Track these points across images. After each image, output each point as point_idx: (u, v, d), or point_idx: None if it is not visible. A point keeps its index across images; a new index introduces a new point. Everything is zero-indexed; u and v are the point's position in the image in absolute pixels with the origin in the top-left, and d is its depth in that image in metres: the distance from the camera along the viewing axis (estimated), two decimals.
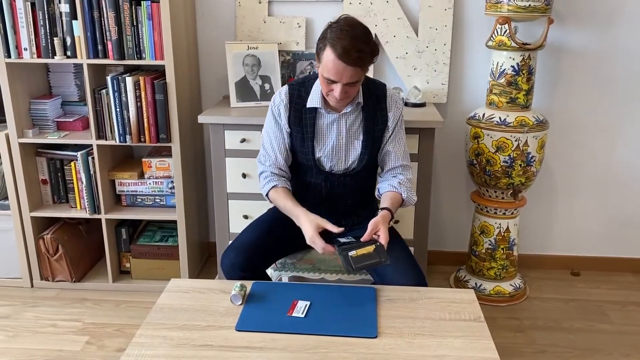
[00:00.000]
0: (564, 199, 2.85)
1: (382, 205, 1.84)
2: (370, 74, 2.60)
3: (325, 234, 1.77)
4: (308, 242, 1.72)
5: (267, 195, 1.90)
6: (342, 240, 1.73)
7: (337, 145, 1.89)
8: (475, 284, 2.66)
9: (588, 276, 2.88)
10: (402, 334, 1.48)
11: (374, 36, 1.73)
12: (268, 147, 1.92)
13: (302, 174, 1.96)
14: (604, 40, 2.59)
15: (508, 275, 2.64)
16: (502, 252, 2.59)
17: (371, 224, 1.72)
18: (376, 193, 1.98)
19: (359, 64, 1.66)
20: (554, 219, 2.89)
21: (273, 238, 1.93)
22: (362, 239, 1.70)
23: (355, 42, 1.63)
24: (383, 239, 1.69)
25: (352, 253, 1.64)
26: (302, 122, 1.88)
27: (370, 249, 1.66)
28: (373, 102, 1.88)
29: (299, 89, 1.89)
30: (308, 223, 1.73)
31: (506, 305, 2.61)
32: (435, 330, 1.50)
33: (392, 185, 1.89)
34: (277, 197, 1.86)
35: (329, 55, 1.66)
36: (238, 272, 1.80)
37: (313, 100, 1.86)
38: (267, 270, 2.00)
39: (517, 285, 2.66)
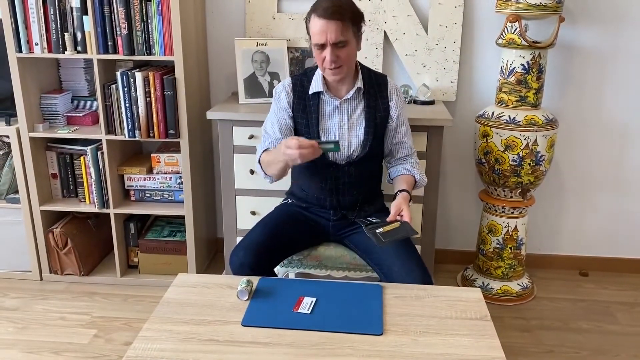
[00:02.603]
0: (573, 199, 2.83)
1: (399, 187, 1.90)
2: (379, 69, 2.61)
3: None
4: (287, 151, 1.67)
5: (259, 162, 1.92)
6: (368, 221, 1.85)
7: (340, 131, 1.93)
8: (483, 283, 2.65)
9: (596, 276, 2.86)
10: (408, 331, 1.48)
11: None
12: (269, 129, 1.96)
13: (308, 168, 1.97)
14: (616, 40, 2.57)
15: (515, 274, 2.63)
16: (509, 251, 2.58)
17: (394, 206, 1.80)
18: (387, 178, 2.06)
19: (338, 17, 1.74)
20: (562, 219, 2.87)
21: (282, 237, 1.93)
22: (387, 219, 1.78)
23: (334, 1, 1.75)
24: (407, 217, 1.76)
25: (379, 230, 1.75)
26: (307, 110, 1.92)
27: (395, 225, 1.77)
28: (374, 89, 1.95)
29: (301, 79, 1.96)
30: (283, 141, 1.71)
31: (513, 305, 2.60)
32: (441, 328, 1.50)
33: (405, 169, 1.98)
34: (265, 154, 1.89)
35: (313, 20, 1.76)
36: (247, 271, 1.81)
37: (315, 85, 1.92)
38: None
39: (525, 285, 2.65)
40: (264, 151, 1.93)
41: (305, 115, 1.92)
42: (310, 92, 1.92)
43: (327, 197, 1.99)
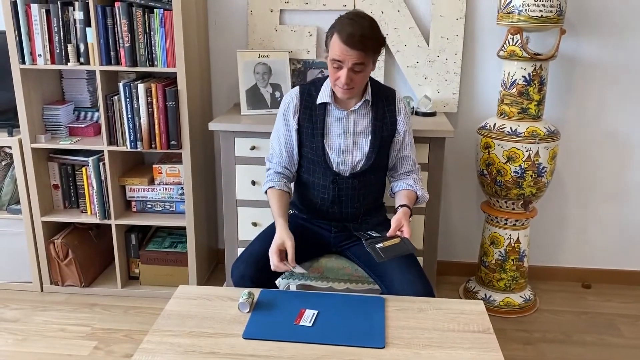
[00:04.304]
0: (575, 210, 2.83)
1: (400, 202, 1.90)
2: (381, 81, 2.61)
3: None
4: (270, 252, 1.76)
5: (265, 192, 1.98)
6: (368, 235, 1.84)
7: (345, 142, 1.93)
8: (485, 295, 2.64)
9: (599, 289, 2.84)
10: (410, 344, 1.47)
11: (383, 31, 1.86)
12: (275, 145, 1.99)
13: (311, 175, 1.97)
14: (617, 51, 2.58)
15: (518, 286, 2.62)
16: (512, 263, 2.57)
17: (395, 221, 1.79)
18: (389, 192, 2.05)
19: (362, 48, 1.73)
20: (565, 231, 2.86)
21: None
22: (387, 234, 1.78)
23: (359, 28, 1.73)
24: (407, 233, 1.77)
25: (379, 245, 1.74)
26: (313, 119, 1.93)
27: (396, 240, 1.77)
28: (382, 102, 1.95)
29: (309, 88, 1.97)
30: (277, 237, 1.78)
31: (516, 317, 2.58)
32: (443, 341, 1.49)
33: (407, 184, 1.97)
34: (271, 198, 1.93)
35: (335, 41, 1.76)
36: (248, 283, 1.80)
37: (323, 96, 1.92)
38: None
39: (527, 297, 2.64)
40: (270, 187, 1.94)
41: (310, 125, 1.93)
42: (318, 102, 1.92)
43: (329, 209, 1.98)
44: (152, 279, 2.72)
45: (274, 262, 1.73)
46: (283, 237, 1.77)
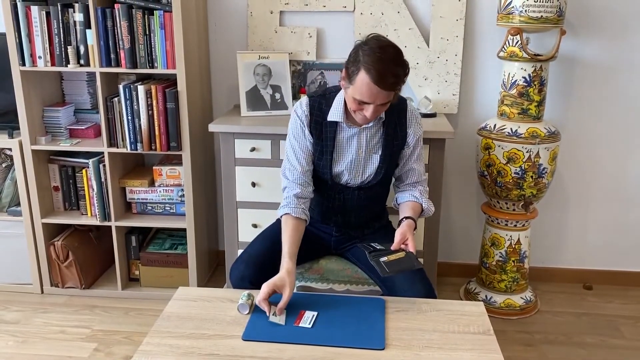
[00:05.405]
0: (576, 211, 2.82)
1: (404, 214, 1.84)
2: None
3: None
4: (264, 284, 1.62)
5: (280, 217, 1.86)
6: (372, 247, 1.78)
7: (356, 158, 1.87)
8: (486, 296, 2.63)
9: (601, 290, 2.84)
10: (410, 346, 1.47)
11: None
12: (292, 157, 1.87)
13: (316, 186, 1.94)
14: (617, 52, 2.57)
15: (519, 288, 2.61)
16: (512, 264, 2.56)
17: (400, 234, 1.74)
18: (393, 202, 1.99)
19: (394, 88, 1.66)
20: (565, 232, 2.86)
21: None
22: (392, 248, 1.73)
23: (390, 65, 1.62)
24: (412, 247, 1.71)
25: (384, 259, 1.70)
26: (322, 135, 1.85)
27: (400, 254, 1.71)
28: (394, 116, 1.86)
29: (319, 102, 1.86)
30: (279, 277, 1.63)
31: (517, 319, 2.57)
32: (443, 343, 1.49)
33: (413, 196, 1.90)
34: (285, 228, 1.79)
35: (363, 79, 1.63)
36: (247, 284, 1.79)
37: (334, 114, 1.83)
38: None
39: (528, 298, 2.63)
40: (285, 214, 1.81)
41: (320, 142, 1.85)
42: (329, 119, 1.83)
43: (333, 217, 1.97)
44: (153, 280, 2.72)
45: (260, 295, 1.58)
46: (284, 281, 1.60)
